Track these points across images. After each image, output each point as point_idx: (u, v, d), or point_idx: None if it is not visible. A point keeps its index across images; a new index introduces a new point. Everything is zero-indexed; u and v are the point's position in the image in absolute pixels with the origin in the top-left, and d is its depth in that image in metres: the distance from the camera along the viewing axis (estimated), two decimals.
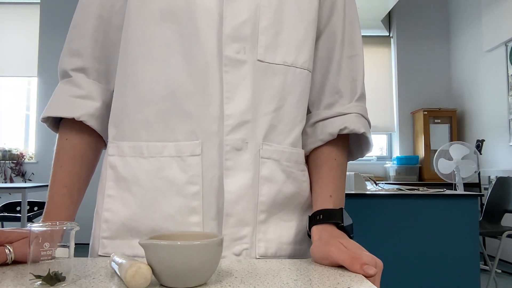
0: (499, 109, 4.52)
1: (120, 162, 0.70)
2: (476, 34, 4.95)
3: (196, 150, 0.67)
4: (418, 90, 5.52)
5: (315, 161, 0.78)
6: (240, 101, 0.67)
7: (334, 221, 0.68)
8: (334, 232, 0.67)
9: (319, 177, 0.75)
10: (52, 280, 0.48)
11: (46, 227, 0.51)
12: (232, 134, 0.67)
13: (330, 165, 0.76)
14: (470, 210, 2.36)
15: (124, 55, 0.72)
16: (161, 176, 0.67)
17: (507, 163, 4.36)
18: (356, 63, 0.80)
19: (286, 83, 0.71)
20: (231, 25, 0.67)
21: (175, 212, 0.66)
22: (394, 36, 5.67)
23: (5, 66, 5.51)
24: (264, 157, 0.69)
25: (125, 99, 0.71)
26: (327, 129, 0.76)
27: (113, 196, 0.70)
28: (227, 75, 0.67)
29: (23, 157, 5.37)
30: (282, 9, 0.71)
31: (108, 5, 0.75)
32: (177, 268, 0.48)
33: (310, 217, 0.71)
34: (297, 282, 0.52)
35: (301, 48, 0.73)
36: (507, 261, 4.27)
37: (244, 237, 0.67)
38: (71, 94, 0.74)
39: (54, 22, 5.40)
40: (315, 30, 0.76)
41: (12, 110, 5.62)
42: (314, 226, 0.69)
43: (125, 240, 0.68)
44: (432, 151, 4.96)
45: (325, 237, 0.65)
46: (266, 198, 0.69)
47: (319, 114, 0.79)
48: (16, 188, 3.53)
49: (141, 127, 0.69)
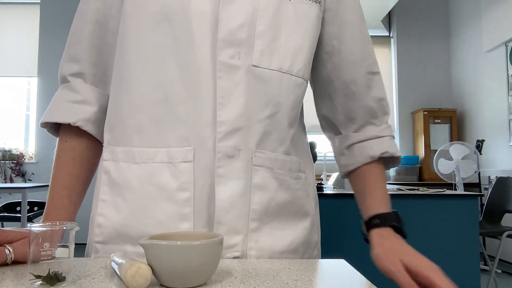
0: (499, 109, 4.52)
1: (114, 167, 0.70)
2: (476, 34, 4.95)
3: (188, 157, 0.66)
4: (418, 90, 5.52)
5: (357, 173, 0.79)
6: (233, 108, 0.66)
7: (391, 223, 0.69)
8: (393, 239, 0.67)
9: (366, 186, 0.77)
10: (52, 280, 0.48)
11: (46, 227, 0.51)
12: (224, 141, 0.66)
13: (375, 175, 0.77)
14: (470, 210, 2.36)
15: (119, 59, 0.72)
16: (153, 182, 0.67)
17: (507, 163, 4.36)
18: (380, 80, 0.81)
19: (280, 89, 0.70)
20: (226, 29, 0.66)
21: (166, 219, 0.66)
22: (394, 36, 5.67)
23: (5, 66, 5.51)
24: (257, 164, 0.68)
25: (120, 104, 0.71)
26: (367, 152, 0.78)
27: (106, 201, 0.70)
28: (220, 81, 0.66)
29: (23, 157, 5.36)
30: (280, 13, 0.70)
31: (104, 9, 0.75)
32: (177, 268, 0.48)
33: (366, 222, 0.72)
34: (297, 282, 0.52)
35: (297, 55, 0.71)
36: (507, 261, 4.27)
37: (235, 245, 0.66)
38: (69, 99, 0.75)
39: (54, 22, 5.40)
40: (313, 39, 0.74)
41: (12, 110, 5.62)
42: (372, 230, 0.69)
43: (117, 245, 0.68)
44: (432, 151, 4.95)
45: (387, 246, 0.64)
46: (258, 206, 0.68)
47: (354, 136, 0.80)
48: (16, 188, 3.53)
49: (134, 132, 0.69)
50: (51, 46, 5.37)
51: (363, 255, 2.79)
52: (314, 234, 0.79)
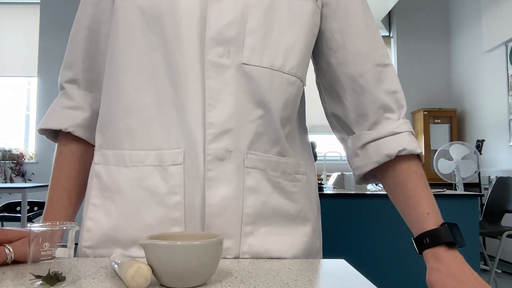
0: (499, 109, 4.52)
1: (104, 171, 0.69)
2: (476, 34, 4.95)
3: (178, 159, 0.64)
4: (418, 90, 5.52)
5: (394, 179, 0.71)
6: (223, 108, 0.64)
7: (443, 241, 0.61)
8: (450, 262, 0.60)
9: (408, 195, 0.68)
10: (52, 280, 0.48)
11: (46, 227, 0.51)
12: (214, 143, 0.64)
13: (415, 180, 0.69)
14: (470, 210, 2.36)
15: (110, 62, 0.71)
16: (142, 185, 0.65)
17: (507, 163, 4.36)
18: (392, 72, 0.75)
19: (272, 88, 0.67)
20: (215, 27, 0.64)
21: (157, 223, 0.64)
22: (394, 36, 5.67)
23: (5, 66, 5.51)
24: (249, 166, 0.66)
25: (110, 107, 0.70)
26: (382, 151, 0.71)
27: (96, 205, 0.69)
28: (209, 81, 0.64)
29: (23, 157, 5.36)
30: (273, 10, 0.68)
31: (97, 14, 0.75)
32: (177, 268, 0.48)
33: (416, 240, 0.65)
34: (297, 282, 0.52)
35: (290, 52, 0.69)
36: (507, 261, 4.27)
37: (227, 249, 0.65)
38: (63, 105, 0.77)
39: (54, 22, 5.40)
40: (308, 35, 0.72)
41: (12, 110, 5.62)
42: (424, 251, 0.63)
43: (107, 249, 0.67)
44: (432, 151, 4.96)
45: (445, 272, 0.58)
46: (252, 209, 0.66)
47: (367, 135, 0.73)
48: (16, 188, 3.53)
49: (125, 135, 0.68)
50: (51, 46, 5.37)
51: (363, 255, 2.79)
52: (316, 240, 0.76)
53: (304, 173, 0.75)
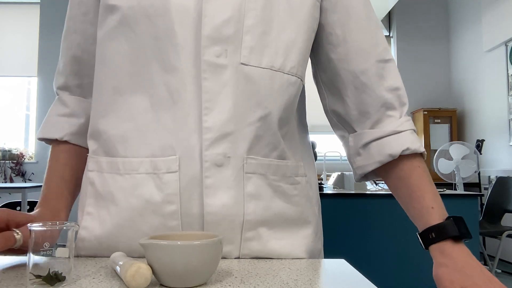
0: (499, 109, 4.52)
1: (98, 178, 0.66)
2: (476, 34, 4.94)
3: (173, 167, 0.61)
4: (418, 90, 5.52)
5: (397, 174, 0.70)
6: (220, 112, 0.61)
7: (449, 235, 0.60)
8: (457, 256, 0.59)
9: (412, 190, 0.67)
10: (52, 280, 0.48)
11: (46, 227, 0.51)
12: (211, 149, 0.61)
13: (418, 174, 0.68)
14: (470, 210, 2.36)
15: (101, 67, 0.68)
16: (137, 194, 0.63)
17: (507, 163, 4.36)
18: (393, 67, 0.73)
19: (272, 89, 0.65)
20: (211, 25, 0.61)
21: (152, 232, 0.62)
22: (394, 36, 5.67)
23: (5, 66, 5.50)
24: (249, 172, 0.63)
25: (102, 112, 0.68)
26: (385, 150, 0.69)
27: (91, 214, 0.67)
28: (206, 82, 0.61)
29: (23, 157, 5.36)
30: (271, 5, 0.64)
31: (81, 16, 0.72)
32: (177, 268, 0.48)
33: (421, 235, 0.64)
34: (297, 282, 0.52)
35: (290, 51, 0.66)
36: (507, 261, 4.27)
37: (227, 253, 0.64)
38: (58, 113, 0.76)
39: (54, 22, 5.40)
40: (308, 32, 0.69)
41: (12, 110, 5.62)
42: (431, 246, 0.62)
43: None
44: (432, 151, 4.95)
45: (451, 267, 0.58)
46: (253, 216, 0.64)
47: (370, 133, 0.72)
48: (16, 188, 3.53)
49: (119, 142, 0.65)
50: (51, 46, 5.37)
51: (363, 255, 2.79)
52: (317, 241, 0.74)
53: (304, 174, 0.74)
